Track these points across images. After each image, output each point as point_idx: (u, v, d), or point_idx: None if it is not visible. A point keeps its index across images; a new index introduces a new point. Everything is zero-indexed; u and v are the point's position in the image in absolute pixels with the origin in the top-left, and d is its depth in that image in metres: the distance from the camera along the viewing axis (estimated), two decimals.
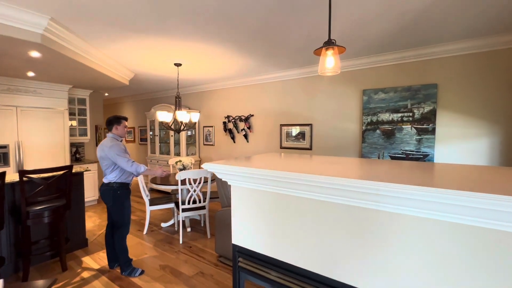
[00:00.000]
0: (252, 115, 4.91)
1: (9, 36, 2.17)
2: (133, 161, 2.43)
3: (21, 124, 4.02)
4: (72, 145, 5.05)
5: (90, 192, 4.84)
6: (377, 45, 3.07)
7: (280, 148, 4.53)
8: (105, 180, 2.46)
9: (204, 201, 3.39)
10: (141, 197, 5.12)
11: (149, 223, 3.86)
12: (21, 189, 2.34)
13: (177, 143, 5.76)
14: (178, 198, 3.27)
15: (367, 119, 3.58)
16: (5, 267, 2.50)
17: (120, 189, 2.44)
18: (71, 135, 4.87)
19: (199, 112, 5.74)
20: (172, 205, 3.60)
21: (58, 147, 4.44)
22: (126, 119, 2.62)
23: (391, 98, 3.38)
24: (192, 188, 3.24)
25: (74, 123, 4.99)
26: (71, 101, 4.82)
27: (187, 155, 5.71)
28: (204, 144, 5.78)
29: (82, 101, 5.03)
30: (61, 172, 2.64)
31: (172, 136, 5.75)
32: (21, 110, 4.01)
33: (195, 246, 3.14)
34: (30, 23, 2.23)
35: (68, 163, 4.56)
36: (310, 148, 4.18)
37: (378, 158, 3.49)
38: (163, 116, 3.64)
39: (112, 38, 2.82)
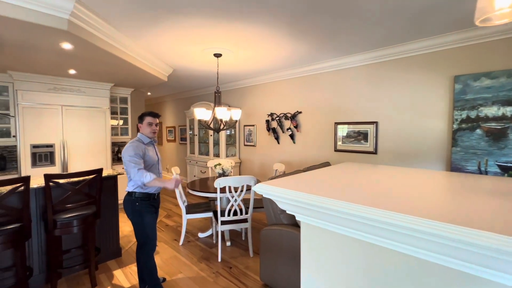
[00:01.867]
0: (300, 112, 4.26)
1: (31, 22, 1.90)
2: (141, 168, 1.94)
3: (66, 123, 4.00)
4: (114, 144, 5.00)
5: None
6: None
7: (335, 151, 3.81)
8: (126, 189, 2.07)
9: (246, 213, 2.88)
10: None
11: (186, 232, 3.50)
12: (47, 195, 2.09)
13: (216, 143, 5.40)
14: (217, 206, 2.82)
15: (460, 115, 2.67)
16: (35, 277, 2.30)
17: (140, 200, 2.02)
18: (113, 134, 4.82)
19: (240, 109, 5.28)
20: (210, 214, 3.17)
21: (100, 146, 4.38)
22: (152, 114, 2.14)
23: (502, 85, 2.44)
24: (232, 198, 2.75)
25: (116, 122, 4.93)
26: (113, 100, 4.76)
27: (227, 156, 5.30)
28: (244, 145, 5.31)
29: (124, 100, 4.95)
30: (91, 177, 2.36)
31: (211, 135, 5.40)
32: (66, 109, 3.99)
33: (235, 267, 2.64)
34: (53, 6, 1.94)
35: (109, 162, 4.48)
36: (375, 152, 3.38)
37: (479, 168, 2.58)
38: (201, 113, 3.22)
39: (145, 23, 2.46)
